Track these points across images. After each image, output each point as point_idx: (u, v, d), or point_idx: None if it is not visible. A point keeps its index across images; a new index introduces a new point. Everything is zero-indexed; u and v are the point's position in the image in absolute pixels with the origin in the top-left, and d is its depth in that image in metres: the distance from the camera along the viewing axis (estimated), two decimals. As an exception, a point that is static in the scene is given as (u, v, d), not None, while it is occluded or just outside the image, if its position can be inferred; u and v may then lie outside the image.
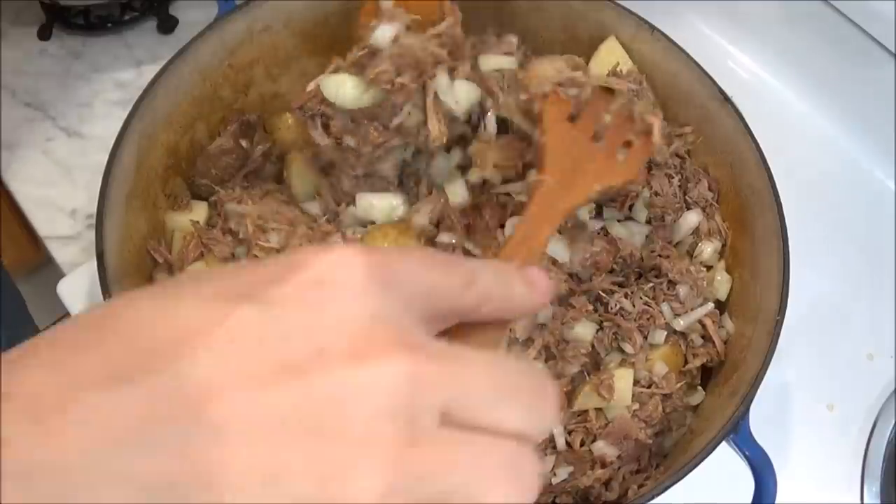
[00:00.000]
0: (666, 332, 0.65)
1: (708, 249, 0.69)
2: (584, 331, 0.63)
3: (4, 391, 0.22)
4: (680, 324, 0.65)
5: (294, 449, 0.22)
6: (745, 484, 0.58)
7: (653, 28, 0.71)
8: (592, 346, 0.63)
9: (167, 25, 0.88)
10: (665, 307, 0.65)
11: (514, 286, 0.29)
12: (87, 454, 0.21)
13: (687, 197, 0.71)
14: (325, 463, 0.22)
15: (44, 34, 0.87)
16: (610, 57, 0.71)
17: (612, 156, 0.55)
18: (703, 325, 0.65)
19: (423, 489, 0.23)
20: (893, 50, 0.80)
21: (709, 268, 0.69)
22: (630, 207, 0.70)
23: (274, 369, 0.22)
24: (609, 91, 0.59)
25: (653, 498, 0.55)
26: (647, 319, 0.64)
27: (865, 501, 0.72)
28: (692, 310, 0.65)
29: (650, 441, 0.62)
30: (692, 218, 0.70)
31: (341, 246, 0.26)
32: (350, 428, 0.22)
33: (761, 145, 0.66)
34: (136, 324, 0.23)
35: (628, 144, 0.56)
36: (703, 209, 0.70)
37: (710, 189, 0.71)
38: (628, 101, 0.59)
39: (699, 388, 0.66)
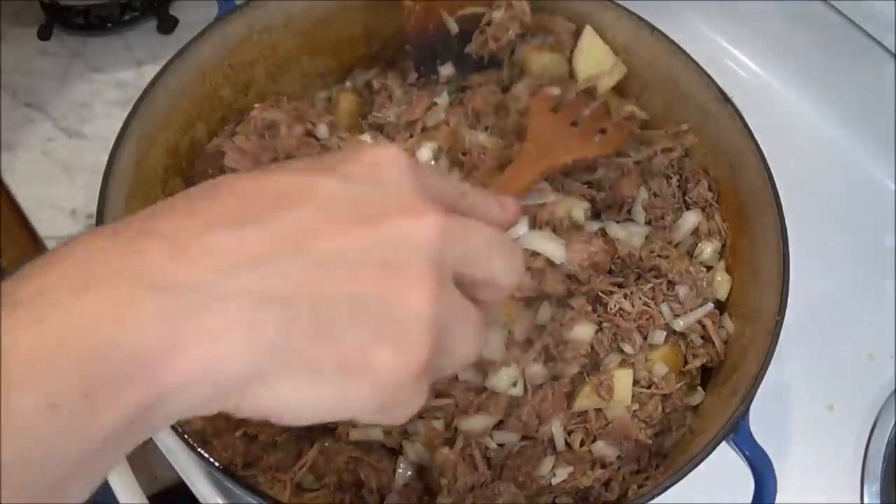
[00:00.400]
0: (665, 333, 0.64)
1: (708, 249, 0.69)
2: (583, 331, 0.63)
3: (147, 230, 0.28)
4: (679, 324, 0.65)
5: (371, 277, 0.30)
6: (745, 484, 0.58)
7: (652, 28, 0.71)
8: (592, 347, 0.63)
9: (167, 25, 0.88)
10: (664, 308, 0.65)
11: (492, 205, 0.39)
12: (217, 274, 0.27)
13: (686, 197, 0.72)
14: (392, 288, 0.30)
15: (44, 34, 0.87)
16: (592, 51, 0.72)
17: (588, 138, 0.68)
18: (703, 326, 0.65)
19: (440, 318, 0.31)
20: (893, 50, 0.80)
21: (709, 268, 0.69)
22: (629, 210, 0.70)
23: (355, 219, 0.30)
24: (590, 94, 0.71)
25: (653, 498, 0.55)
26: (647, 320, 0.64)
27: (865, 501, 0.72)
28: (692, 310, 0.65)
29: (650, 441, 0.62)
30: (692, 218, 0.70)
31: (393, 146, 0.35)
32: (405, 266, 0.30)
33: (761, 145, 0.66)
34: (248, 186, 0.31)
35: (604, 131, 0.69)
36: (703, 209, 0.70)
37: (709, 189, 0.71)
38: (606, 101, 0.70)
39: (699, 388, 0.66)
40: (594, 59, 0.73)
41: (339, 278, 0.29)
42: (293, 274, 0.28)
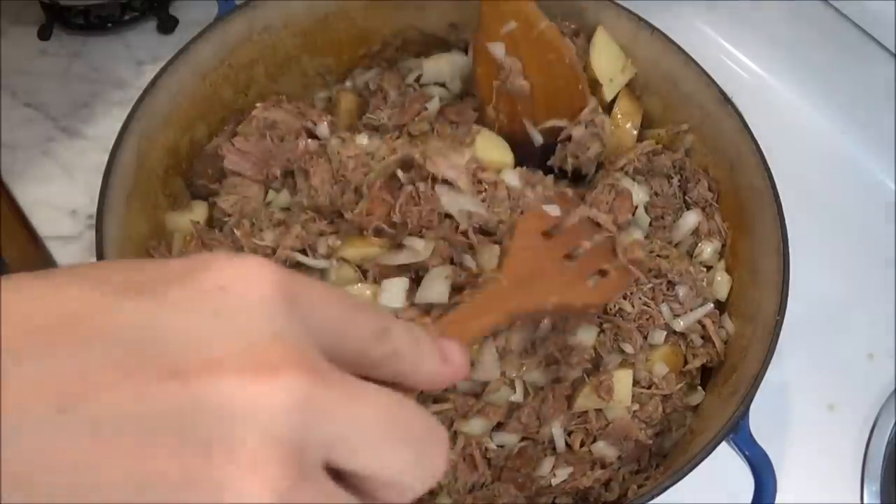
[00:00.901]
0: (665, 333, 0.64)
1: (708, 249, 0.69)
2: (586, 336, 0.62)
3: None
4: (679, 324, 0.65)
5: (172, 457, 0.20)
6: (745, 484, 0.58)
7: (652, 28, 0.71)
8: (595, 350, 0.63)
9: (167, 25, 0.88)
10: (664, 308, 0.65)
11: (426, 354, 0.27)
12: None
13: (687, 197, 0.71)
14: (204, 478, 0.20)
15: (44, 34, 0.87)
16: (606, 52, 0.71)
17: (582, 278, 0.55)
18: (703, 326, 0.65)
19: None
20: (893, 50, 0.80)
21: (709, 268, 0.69)
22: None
23: (159, 371, 0.21)
24: (596, 224, 0.60)
25: (652, 498, 0.55)
26: (647, 320, 0.64)
27: (865, 501, 0.72)
28: (692, 310, 0.65)
29: (650, 441, 0.62)
30: (692, 218, 0.70)
31: (258, 258, 0.24)
32: (236, 446, 0.21)
33: (760, 145, 0.66)
34: (25, 308, 0.21)
35: (604, 273, 0.57)
36: (703, 209, 0.70)
37: (709, 189, 0.71)
38: (612, 237, 0.60)
39: (699, 388, 0.66)
40: (611, 58, 0.71)
41: (120, 452, 0.20)
42: (49, 444, 0.20)
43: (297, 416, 0.21)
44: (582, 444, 0.62)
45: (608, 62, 0.71)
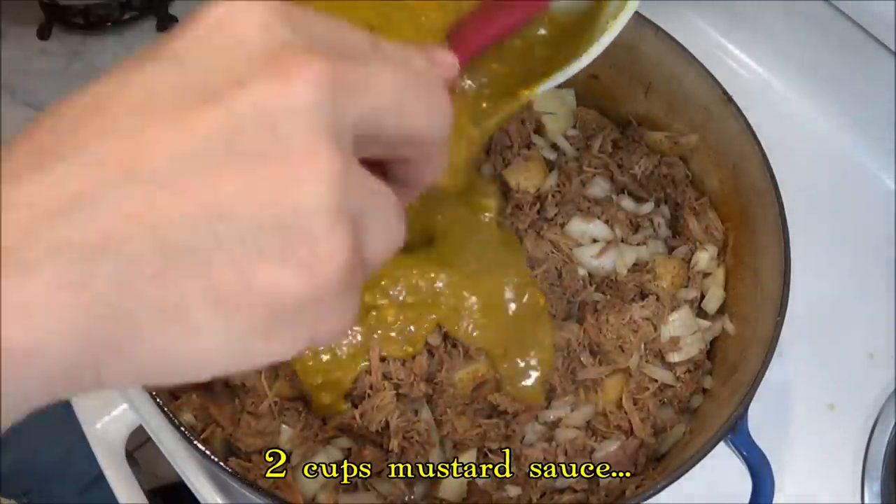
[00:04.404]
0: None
1: (704, 258, 0.68)
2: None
3: None
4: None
5: (232, 177, 0.22)
6: (743, 485, 0.58)
7: (657, 28, 0.70)
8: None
9: (166, 24, 0.88)
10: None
11: (413, 57, 0.28)
12: (24, 234, 0.21)
13: (681, 202, 0.72)
14: (266, 184, 0.22)
15: (43, 34, 0.87)
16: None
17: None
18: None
19: (349, 205, 0.23)
20: (894, 49, 0.80)
21: (706, 275, 0.69)
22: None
23: (191, 105, 0.22)
24: None
25: (650, 497, 0.55)
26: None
27: (865, 501, 0.72)
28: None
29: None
30: (692, 224, 0.70)
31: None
32: (283, 141, 0.22)
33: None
34: (55, 111, 0.24)
35: None
36: (697, 215, 0.70)
37: (706, 193, 0.71)
38: None
39: (699, 389, 0.66)
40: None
41: (185, 191, 0.22)
42: (121, 207, 0.21)
43: (329, 103, 0.23)
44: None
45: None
